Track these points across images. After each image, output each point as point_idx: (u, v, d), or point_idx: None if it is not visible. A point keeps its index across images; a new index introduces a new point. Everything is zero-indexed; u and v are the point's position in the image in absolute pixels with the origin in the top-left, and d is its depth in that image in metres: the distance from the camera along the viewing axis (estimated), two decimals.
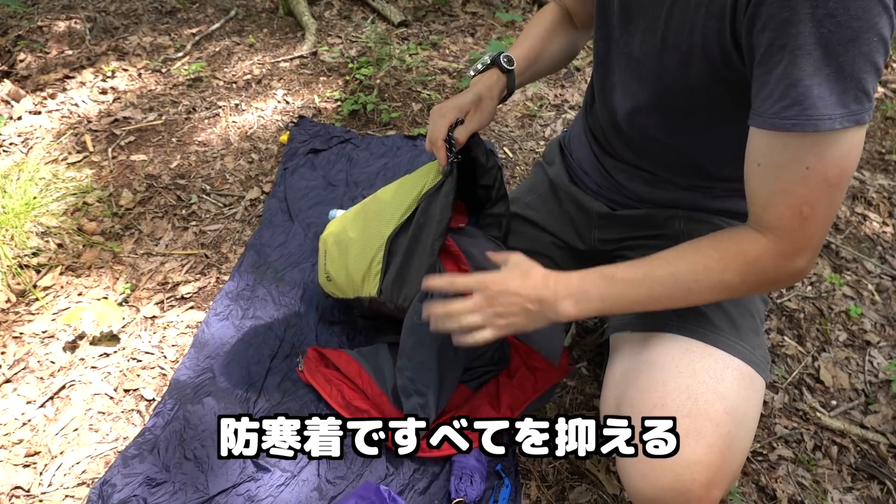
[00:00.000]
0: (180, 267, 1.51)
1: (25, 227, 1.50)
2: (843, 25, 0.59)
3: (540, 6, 3.05)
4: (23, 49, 2.36)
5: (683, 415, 0.75)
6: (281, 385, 1.24)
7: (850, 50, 0.60)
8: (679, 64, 0.77)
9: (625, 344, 0.91)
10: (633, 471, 0.77)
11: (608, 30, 0.89)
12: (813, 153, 0.65)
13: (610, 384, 0.89)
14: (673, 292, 0.77)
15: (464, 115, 0.98)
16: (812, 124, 0.62)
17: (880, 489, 1.17)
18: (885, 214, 1.90)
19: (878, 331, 1.50)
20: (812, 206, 0.68)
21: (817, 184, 0.66)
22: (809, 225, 0.69)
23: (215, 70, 2.34)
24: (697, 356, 0.80)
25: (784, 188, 0.68)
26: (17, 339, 1.32)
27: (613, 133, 0.97)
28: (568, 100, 2.31)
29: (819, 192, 0.67)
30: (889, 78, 2.69)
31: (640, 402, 0.79)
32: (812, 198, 0.67)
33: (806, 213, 0.68)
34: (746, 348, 0.83)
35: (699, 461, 0.72)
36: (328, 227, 1.28)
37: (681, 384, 0.77)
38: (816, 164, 0.65)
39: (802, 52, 0.60)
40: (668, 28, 0.77)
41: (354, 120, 2.10)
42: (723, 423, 0.74)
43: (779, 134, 0.66)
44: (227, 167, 1.84)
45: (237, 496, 1.05)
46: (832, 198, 0.68)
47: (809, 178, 0.66)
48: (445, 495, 1.08)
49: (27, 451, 1.12)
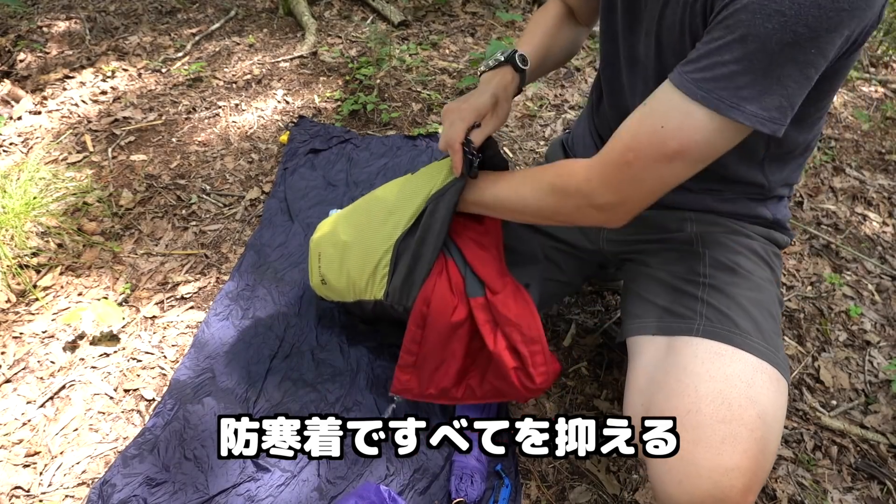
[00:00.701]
0: (180, 267, 1.51)
1: (25, 227, 1.50)
2: (788, 27, 0.60)
3: (540, 6, 3.04)
4: (23, 49, 2.36)
5: (718, 420, 0.73)
6: (281, 385, 1.24)
7: (784, 52, 0.61)
8: (676, 64, 0.77)
9: (647, 347, 0.89)
10: (669, 478, 0.75)
11: (614, 30, 0.89)
12: (680, 118, 0.67)
13: (634, 389, 0.86)
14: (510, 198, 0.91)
15: (482, 118, 0.95)
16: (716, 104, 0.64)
17: (880, 489, 1.17)
18: (885, 214, 1.90)
19: (878, 331, 1.50)
20: (637, 156, 0.72)
21: (656, 142, 0.70)
22: (624, 170, 0.74)
23: (215, 70, 2.34)
24: (727, 360, 0.79)
25: (633, 129, 0.73)
26: (17, 339, 1.32)
27: None
28: (568, 100, 2.31)
29: (650, 151, 0.71)
30: (889, 78, 2.69)
31: (672, 408, 0.77)
32: (643, 151, 0.71)
33: (629, 158, 0.73)
34: (771, 350, 0.82)
35: (736, 467, 0.71)
36: (318, 229, 1.24)
37: (713, 389, 0.76)
38: (672, 128, 0.68)
39: (742, 38, 0.62)
40: (662, 29, 0.77)
41: (354, 120, 2.10)
42: (756, 428, 0.73)
43: (679, 93, 0.68)
44: (227, 167, 1.84)
45: (237, 496, 1.05)
46: (657, 166, 0.71)
47: (656, 134, 0.70)
48: (445, 495, 1.08)
49: (27, 451, 1.12)
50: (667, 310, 0.90)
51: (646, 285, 0.98)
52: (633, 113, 0.75)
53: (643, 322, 0.92)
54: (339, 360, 1.30)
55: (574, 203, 0.81)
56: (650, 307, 0.93)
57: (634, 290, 1.00)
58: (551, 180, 0.83)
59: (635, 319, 0.94)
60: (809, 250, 1.72)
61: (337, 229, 1.16)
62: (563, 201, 0.82)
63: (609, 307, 1.49)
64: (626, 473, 1.15)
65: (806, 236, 1.76)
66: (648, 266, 1.01)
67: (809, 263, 1.67)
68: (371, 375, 1.27)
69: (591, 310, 1.48)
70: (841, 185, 1.99)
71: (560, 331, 1.41)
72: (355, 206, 1.18)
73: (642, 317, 0.93)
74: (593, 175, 0.77)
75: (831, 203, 1.91)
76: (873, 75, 2.67)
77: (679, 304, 0.89)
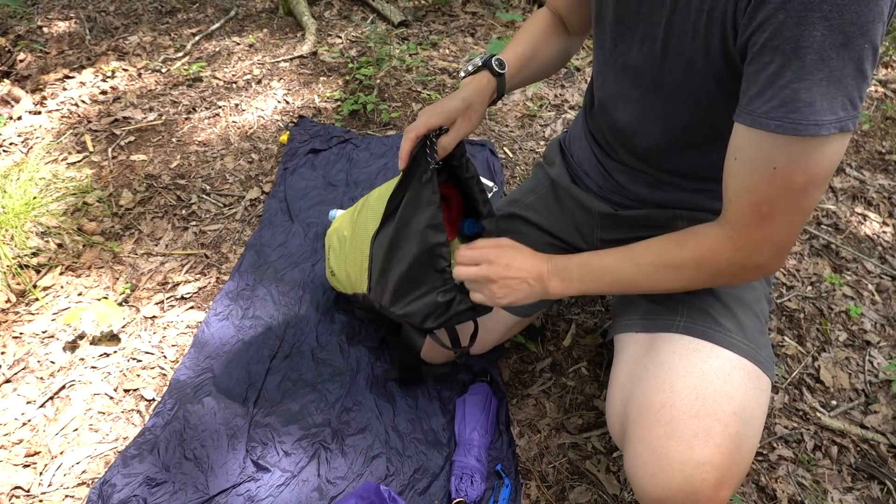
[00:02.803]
0: (180, 267, 1.51)
1: (25, 227, 1.50)
2: (836, 30, 0.59)
3: (539, 6, 3.04)
4: (23, 49, 2.36)
5: (691, 415, 0.75)
6: (281, 385, 1.24)
7: (841, 55, 0.60)
8: (682, 71, 0.77)
9: (630, 344, 0.91)
10: (643, 472, 0.77)
11: (603, 40, 0.89)
12: (785, 155, 0.66)
13: (615, 385, 0.89)
14: (637, 279, 0.84)
15: (450, 123, 0.94)
16: (793, 128, 0.63)
17: (880, 489, 1.17)
18: (885, 214, 1.90)
19: (878, 331, 1.50)
20: (771, 206, 0.69)
21: (781, 185, 0.68)
22: (767, 224, 0.71)
23: (215, 70, 2.34)
24: (705, 356, 0.80)
25: (750, 185, 0.70)
26: (17, 339, 1.32)
27: (614, 138, 0.97)
28: (568, 100, 2.31)
29: (781, 194, 0.68)
30: (889, 78, 2.69)
31: (648, 403, 0.79)
32: (773, 198, 0.69)
33: (764, 211, 0.70)
34: (752, 348, 0.83)
35: (708, 461, 0.72)
36: (334, 223, 1.30)
37: (689, 384, 0.77)
38: (785, 167, 0.66)
39: (795, 54, 0.60)
40: (669, 36, 0.76)
41: (354, 120, 2.10)
42: (731, 424, 0.74)
43: (759, 132, 0.66)
44: (227, 167, 1.84)
45: (237, 496, 1.05)
46: (795, 201, 0.69)
47: (775, 178, 0.67)
48: (445, 495, 1.08)
49: (27, 451, 1.12)
50: (650, 308, 0.92)
51: None
52: (730, 170, 0.72)
53: (628, 320, 0.94)
54: (339, 359, 1.30)
55: (729, 275, 0.79)
56: (635, 306, 0.95)
57: None
58: (693, 265, 0.79)
59: (621, 317, 0.96)
60: (809, 250, 1.71)
61: (343, 224, 1.20)
62: (716, 279, 0.81)
63: (609, 307, 1.49)
64: (626, 473, 1.15)
65: (806, 236, 1.76)
66: None
67: (809, 263, 1.67)
68: (371, 375, 1.27)
69: (591, 310, 1.48)
70: (841, 185, 1.99)
71: (560, 331, 1.41)
72: (360, 202, 1.21)
73: (628, 315, 0.95)
74: (739, 244, 0.74)
75: (831, 203, 1.91)
76: (873, 75, 2.66)
77: (661, 302, 0.91)
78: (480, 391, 1.20)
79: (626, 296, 0.99)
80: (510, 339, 1.36)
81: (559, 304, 1.47)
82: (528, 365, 1.33)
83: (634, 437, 0.79)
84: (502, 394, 1.25)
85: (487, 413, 1.17)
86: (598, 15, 0.89)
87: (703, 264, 0.78)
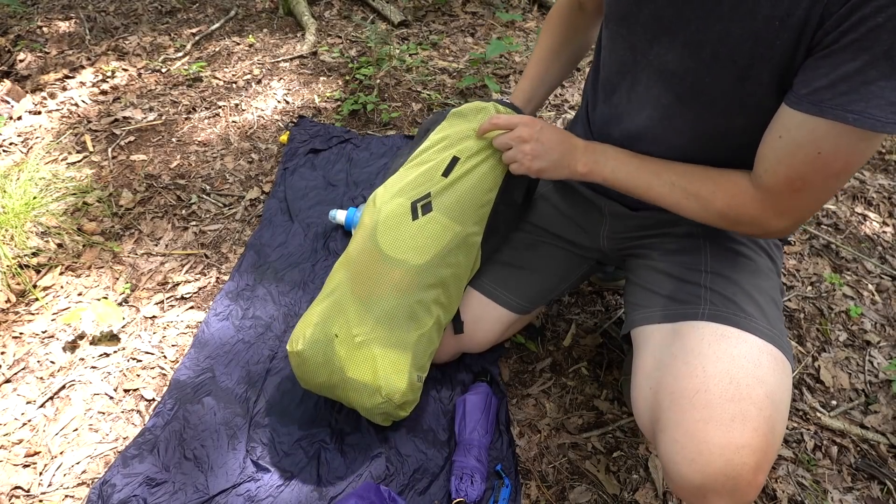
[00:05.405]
0: (180, 267, 1.51)
1: (25, 227, 1.50)
2: None
3: (540, 6, 3.04)
4: (23, 49, 2.36)
5: (727, 399, 0.74)
6: (281, 385, 1.24)
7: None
8: (734, 78, 0.76)
9: (652, 335, 0.90)
10: (680, 458, 0.75)
11: (633, 40, 0.86)
12: (835, 143, 0.69)
13: (641, 374, 0.88)
14: (664, 196, 0.89)
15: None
16: (870, 123, 0.65)
17: (880, 489, 1.17)
18: (885, 214, 1.90)
19: (878, 331, 1.50)
20: (805, 183, 0.74)
21: (819, 167, 0.72)
22: (797, 197, 0.77)
23: (215, 70, 2.34)
24: (734, 342, 0.80)
25: (790, 163, 0.74)
26: (17, 339, 1.32)
27: (622, 142, 0.95)
28: (568, 100, 2.31)
29: (817, 175, 0.73)
30: None
31: (680, 389, 0.78)
32: (809, 177, 0.73)
33: (798, 186, 0.75)
34: (776, 333, 0.83)
35: (747, 444, 0.72)
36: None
37: (721, 369, 0.77)
38: (829, 153, 0.70)
39: (886, 56, 0.62)
40: (724, 43, 0.74)
41: (354, 120, 2.10)
42: (765, 407, 0.74)
43: (815, 119, 0.69)
44: (227, 167, 1.84)
45: (237, 496, 1.05)
46: (827, 184, 0.74)
47: (817, 161, 0.71)
48: (445, 495, 1.08)
49: (27, 451, 1.12)
50: (671, 298, 0.92)
51: (649, 277, 1.00)
52: (772, 145, 0.75)
53: (648, 312, 0.94)
54: None
55: (747, 227, 0.84)
56: (654, 297, 0.95)
57: (638, 283, 1.02)
58: (720, 208, 0.84)
59: (640, 310, 0.96)
60: (809, 250, 1.71)
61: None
62: (733, 226, 0.85)
63: (609, 307, 1.49)
64: (626, 473, 1.15)
65: (806, 236, 1.76)
66: (650, 259, 1.03)
67: (809, 263, 1.67)
68: None
69: (591, 310, 1.48)
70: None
71: (560, 331, 1.41)
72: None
73: (647, 307, 0.95)
74: (767, 207, 0.80)
75: (831, 203, 1.91)
76: None
77: (683, 291, 0.91)
78: (480, 391, 1.19)
79: (642, 286, 0.99)
80: (510, 339, 1.36)
81: (559, 304, 1.47)
82: (528, 365, 1.33)
83: (670, 424, 0.78)
84: (502, 394, 1.25)
85: (487, 413, 1.17)
86: (623, 15, 0.86)
87: (729, 211, 0.83)
